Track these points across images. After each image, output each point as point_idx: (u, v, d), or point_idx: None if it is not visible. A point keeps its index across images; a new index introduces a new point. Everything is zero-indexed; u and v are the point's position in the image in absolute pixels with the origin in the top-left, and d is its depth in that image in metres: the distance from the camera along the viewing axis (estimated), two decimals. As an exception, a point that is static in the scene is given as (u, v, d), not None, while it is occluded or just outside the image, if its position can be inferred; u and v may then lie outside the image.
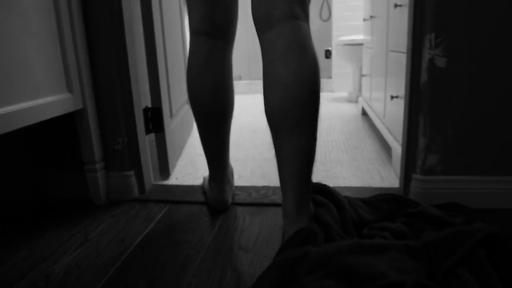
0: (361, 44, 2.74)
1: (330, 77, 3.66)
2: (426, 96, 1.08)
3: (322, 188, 1.00)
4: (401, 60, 1.39)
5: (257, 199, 1.23)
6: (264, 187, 1.31)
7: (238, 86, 3.76)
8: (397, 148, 1.39)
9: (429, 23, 1.03)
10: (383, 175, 1.38)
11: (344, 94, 3.50)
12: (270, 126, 0.86)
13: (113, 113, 1.24)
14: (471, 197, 1.10)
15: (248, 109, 2.86)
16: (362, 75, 2.41)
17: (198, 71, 1.03)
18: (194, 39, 1.04)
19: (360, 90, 2.98)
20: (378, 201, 1.01)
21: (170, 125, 1.51)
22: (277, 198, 1.22)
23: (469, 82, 1.05)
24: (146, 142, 1.33)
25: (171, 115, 1.56)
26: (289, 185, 0.86)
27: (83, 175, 1.27)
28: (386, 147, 1.72)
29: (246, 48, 3.71)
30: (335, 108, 2.77)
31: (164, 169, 1.44)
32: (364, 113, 2.49)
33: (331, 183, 1.33)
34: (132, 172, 1.29)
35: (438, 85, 1.06)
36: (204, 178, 1.36)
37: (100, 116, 1.25)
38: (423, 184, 1.12)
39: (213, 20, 1.01)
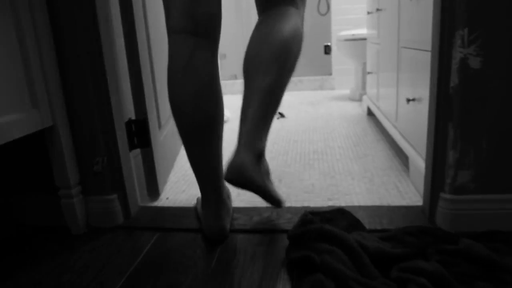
0: (364, 39, 2.56)
1: (330, 74, 3.49)
2: (456, 102, 0.91)
3: (322, 232, 0.83)
4: (418, 59, 1.22)
5: (259, 225, 1.06)
6: (267, 209, 1.15)
7: (234, 85, 3.58)
8: (415, 158, 1.23)
9: (461, 16, 0.86)
10: (401, 190, 1.22)
11: (346, 91, 3.33)
12: (244, 74, 0.91)
13: (89, 129, 1.07)
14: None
15: (245, 111, 2.68)
16: (368, 73, 2.24)
17: (179, 75, 0.90)
18: (173, 38, 0.91)
19: (364, 88, 2.81)
20: (402, 234, 0.85)
21: (159, 137, 1.34)
22: (283, 223, 1.05)
23: (508, 85, 0.88)
24: (130, 160, 1.16)
25: (160, 126, 1.39)
26: (244, 115, 0.87)
27: (58, 200, 1.10)
28: (399, 153, 1.56)
29: (241, 46, 3.53)
30: (337, 108, 2.60)
31: (153, 189, 1.27)
32: (370, 113, 2.32)
33: (342, 201, 1.17)
34: (114, 196, 1.12)
35: (471, 89, 0.90)
36: (197, 200, 1.19)
37: (74, 133, 1.07)
38: (453, 204, 0.96)
39: (194, 16, 0.88)
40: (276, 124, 2.24)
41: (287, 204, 1.17)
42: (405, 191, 1.21)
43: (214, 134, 0.94)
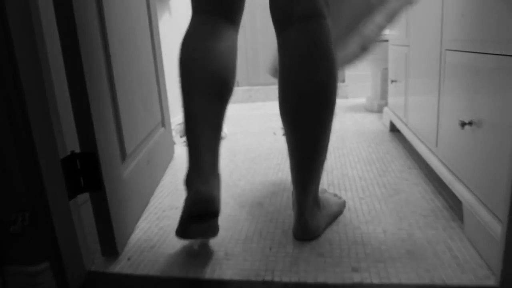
0: (385, 41, 2.20)
1: (343, 81, 3.13)
2: None
3: None
4: (479, 66, 0.86)
5: (252, 317, 0.71)
6: (265, 285, 0.79)
7: (236, 93, 3.24)
8: (474, 207, 0.87)
9: None
10: (457, 254, 0.85)
11: (361, 100, 2.96)
12: (284, 127, 0.88)
13: (0, 172, 0.73)
14: None
15: (247, 124, 2.33)
16: (391, 81, 1.88)
17: (198, 34, 0.87)
18: (195, 17, 0.90)
19: (383, 97, 2.44)
20: None
21: (121, 173, 0.99)
22: (287, 317, 0.70)
23: None
24: (69, 211, 0.81)
25: (124, 157, 1.05)
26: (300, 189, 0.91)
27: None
28: (439, 189, 1.19)
29: (244, 51, 3.18)
30: (353, 121, 2.24)
31: (109, 246, 0.93)
32: (393, 128, 1.96)
33: (374, 272, 0.81)
34: (44, 265, 0.78)
35: None
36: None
37: (-21, 178, 0.73)
38: (561, 303, 0.60)
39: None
40: (280, 144, 1.89)
41: (293, 278, 0.81)
42: (463, 256, 0.85)
43: (223, 93, 0.87)
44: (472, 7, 0.90)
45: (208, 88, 0.84)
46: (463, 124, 0.93)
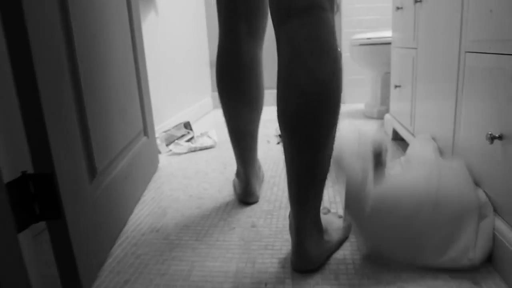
0: (387, 44, 2.07)
1: (340, 85, 3.00)
2: None
3: None
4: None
5: None
6: None
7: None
8: (504, 234, 0.73)
9: None
10: (491, 296, 0.71)
11: (360, 106, 2.83)
12: (282, 131, 0.77)
13: None
14: None
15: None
16: (396, 86, 1.74)
17: (227, 67, 1.03)
18: (222, 38, 1.03)
19: (384, 103, 2.31)
20: None
21: (89, 195, 0.84)
22: None
23: None
24: (18, 245, 0.66)
25: (94, 175, 0.89)
26: (297, 201, 0.80)
27: None
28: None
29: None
30: (353, 128, 2.10)
31: (71, 283, 0.77)
32: (396, 137, 1.82)
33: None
34: (-16, 315, 0.62)
35: None
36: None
37: None
38: None
39: (240, 16, 0.99)
40: (274, 153, 1.74)
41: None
42: (498, 298, 0.71)
43: (257, 108, 1.08)
44: (505, 1, 0.77)
45: (246, 109, 1.06)
46: (492, 138, 0.79)
